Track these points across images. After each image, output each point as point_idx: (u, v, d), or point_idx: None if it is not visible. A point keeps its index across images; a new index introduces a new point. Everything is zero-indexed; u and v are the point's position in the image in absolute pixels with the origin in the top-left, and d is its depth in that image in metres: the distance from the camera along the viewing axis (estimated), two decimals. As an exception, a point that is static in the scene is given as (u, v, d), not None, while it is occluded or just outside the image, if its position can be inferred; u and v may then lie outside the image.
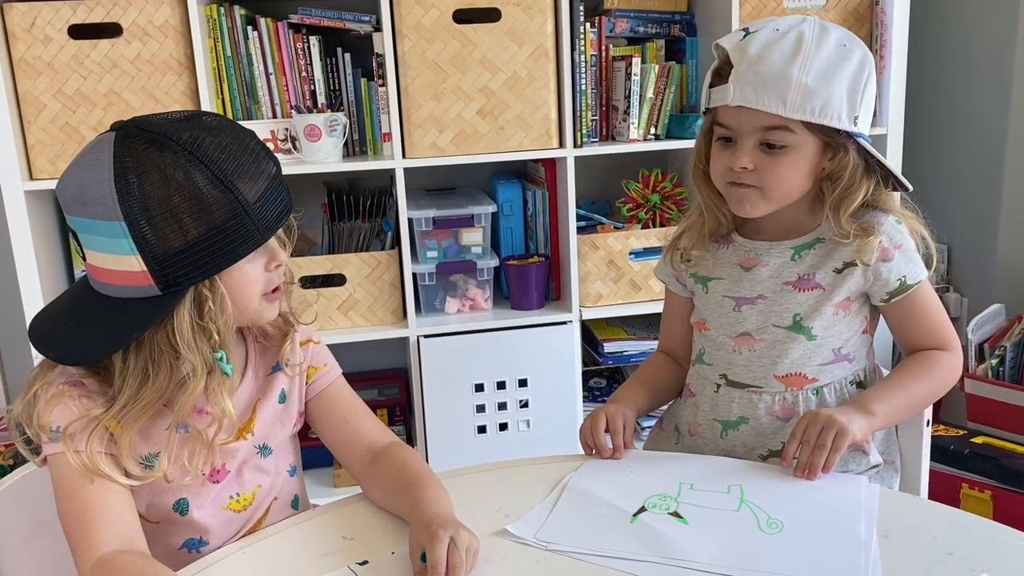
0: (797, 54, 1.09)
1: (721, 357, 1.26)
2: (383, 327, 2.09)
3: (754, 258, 1.23)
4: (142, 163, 0.89)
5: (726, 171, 1.16)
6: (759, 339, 1.22)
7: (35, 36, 1.85)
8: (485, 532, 0.98)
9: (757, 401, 1.22)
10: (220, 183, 0.90)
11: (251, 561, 0.98)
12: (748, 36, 1.13)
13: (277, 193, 0.96)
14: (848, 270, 1.18)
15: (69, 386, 0.97)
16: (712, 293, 1.26)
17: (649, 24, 2.21)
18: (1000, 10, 2.21)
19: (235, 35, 1.99)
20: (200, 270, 0.92)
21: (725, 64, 1.15)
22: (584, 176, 2.20)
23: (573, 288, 2.12)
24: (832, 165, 1.16)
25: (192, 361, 0.95)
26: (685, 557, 0.92)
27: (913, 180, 1.20)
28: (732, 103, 1.12)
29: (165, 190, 0.89)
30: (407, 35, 1.94)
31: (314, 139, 1.98)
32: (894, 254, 1.17)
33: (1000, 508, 1.84)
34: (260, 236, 0.94)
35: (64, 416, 0.95)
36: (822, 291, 1.19)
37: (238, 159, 0.92)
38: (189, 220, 0.89)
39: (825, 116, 1.10)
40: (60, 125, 1.90)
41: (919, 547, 0.93)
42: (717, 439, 1.26)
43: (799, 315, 1.20)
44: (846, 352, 1.22)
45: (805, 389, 1.21)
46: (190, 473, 1.00)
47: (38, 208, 1.96)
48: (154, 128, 0.91)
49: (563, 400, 2.14)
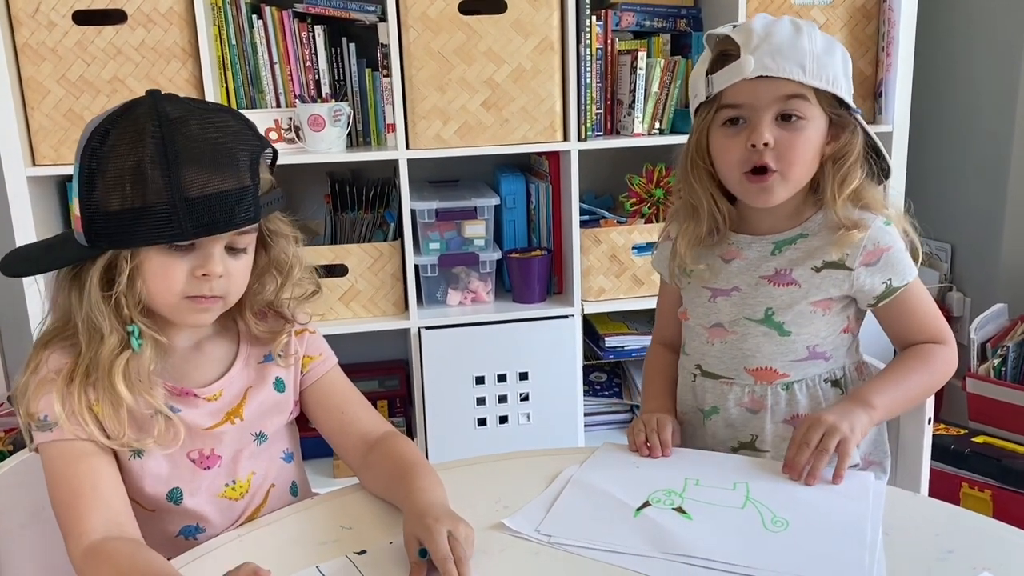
0: (800, 31, 1.13)
1: (696, 347, 1.27)
2: (384, 318, 2.09)
3: (735, 250, 1.23)
4: (128, 125, 0.92)
5: (742, 155, 1.14)
6: (731, 331, 1.22)
7: (39, 21, 1.85)
8: (484, 524, 0.97)
9: (727, 392, 1.23)
10: (165, 167, 0.90)
11: (248, 549, 0.98)
12: (742, 24, 1.16)
13: (228, 204, 0.94)
14: (828, 271, 1.17)
15: (55, 372, 0.98)
16: (693, 283, 1.26)
17: (655, 18, 2.20)
18: (1007, 9, 2.20)
19: (240, 23, 1.98)
20: (119, 238, 0.93)
21: (727, 47, 1.15)
22: (588, 170, 2.20)
23: (575, 282, 2.12)
24: (833, 148, 1.17)
25: (98, 323, 0.96)
26: (687, 553, 0.92)
27: (918, 178, 1.20)
28: (751, 75, 1.11)
29: (127, 157, 0.91)
30: (412, 26, 1.94)
31: (318, 129, 1.98)
32: (879, 258, 1.16)
33: (1000, 508, 1.84)
34: (182, 231, 0.92)
35: (50, 405, 0.96)
36: (797, 288, 1.18)
37: (200, 154, 0.92)
38: (130, 190, 0.91)
39: (837, 87, 1.13)
40: (63, 111, 1.89)
41: (920, 545, 0.93)
42: (700, 426, 1.27)
43: (771, 309, 1.19)
44: (822, 350, 1.21)
45: (775, 384, 1.21)
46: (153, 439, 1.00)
47: (41, 194, 1.96)
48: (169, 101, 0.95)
49: (563, 394, 2.13)
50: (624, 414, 2.35)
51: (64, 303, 1.00)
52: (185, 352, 1.07)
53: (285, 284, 1.09)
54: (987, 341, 2.14)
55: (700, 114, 1.20)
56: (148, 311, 1.00)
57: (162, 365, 1.03)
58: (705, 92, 1.17)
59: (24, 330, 1.93)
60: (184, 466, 1.05)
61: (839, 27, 2.12)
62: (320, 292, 1.15)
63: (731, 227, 1.24)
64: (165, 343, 1.02)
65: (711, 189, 1.22)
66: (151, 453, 1.02)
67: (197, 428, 1.04)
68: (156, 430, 1.00)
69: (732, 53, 1.14)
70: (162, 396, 1.01)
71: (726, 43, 1.16)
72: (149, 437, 1.00)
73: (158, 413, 1.00)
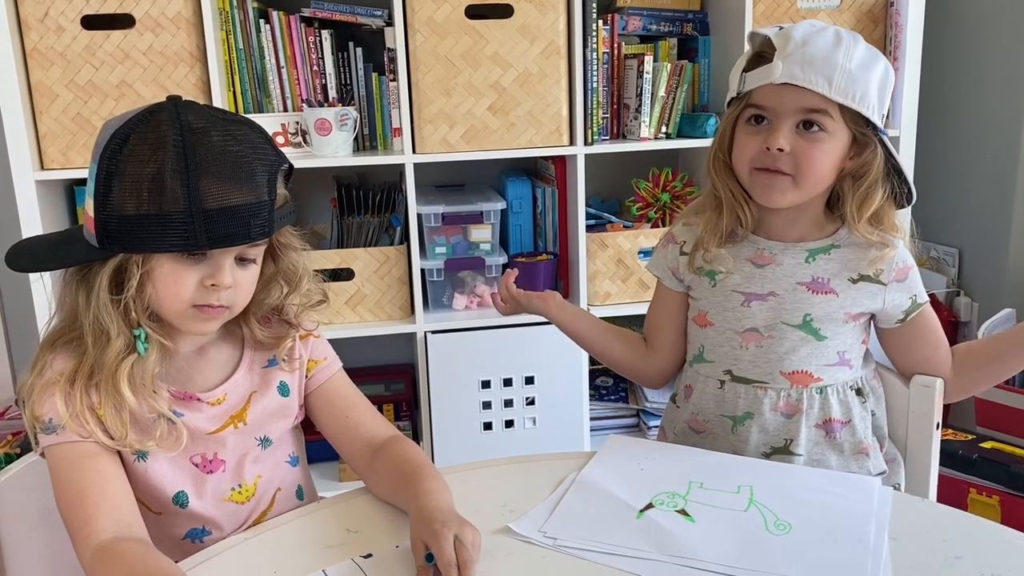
0: (840, 44, 1.13)
1: (725, 353, 1.26)
2: (391, 322, 2.09)
3: (768, 256, 1.23)
4: (149, 131, 0.92)
5: (757, 154, 1.16)
6: (767, 335, 1.22)
7: (48, 26, 1.86)
8: (490, 528, 0.97)
9: (763, 396, 1.23)
10: (185, 177, 0.91)
11: (255, 552, 0.98)
12: (788, 27, 1.16)
13: (244, 218, 0.94)
14: (863, 284, 1.20)
15: (59, 375, 0.98)
16: (720, 287, 1.25)
17: (662, 22, 2.20)
18: (1014, 13, 2.20)
19: (247, 28, 1.99)
20: (132, 243, 0.94)
21: (765, 48, 1.17)
22: (594, 174, 2.20)
23: (581, 286, 2.12)
24: (854, 164, 1.17)
25: (106, 325, 0.97)
26: (689, 555, 0.92)
27: (925, 183, 1.21)
28: (778, 80, 1.12)
29: (146, 163, 0.91)
30: (419, 30, 1.94)
31: (324, 133, 1.98)
32: (907, 275, 1.21)
33: (1008, 514, 1.83)
34: (196, 241, 0.93)
35: (54, 407, 0.97)
36: (835, 297, 1.20)
37: (220, 166, 0.92)
38: (147, 196, 0.91)
39: (864, 105, 1.13)
40: (72, 115, 1.90)
41: (928, 550, 0.93)
42: (728, 434, 1.26)
43: (810, 316, 1.20)
44: (848, 358, 1.23)
45: (810, 387, 1.22)
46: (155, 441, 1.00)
47: (49, 198, 1.96)
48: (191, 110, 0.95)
49: (569, 399, 2.13)
50: (630, 419, 2.34)
51: (71, 302, 1.00)
52: (189, 356, 1.07)
53: (292, 294, 1.10)
54: (995, 346, 2.13)
55: (731, 108, 1.22)
56: (154, 315, 1.00)
57: (166, 369, 1.03)
58: (737, 88, 1.19)
59: (32, 332, 1.94)
60: (188, 470, 1.05)
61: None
62: (327, 302, 1.15)
63: (759, 231, 1.24)
64: (171, 347, 1.02)
65: (729, 183, 1.23)
66: (155, 456, 1.02)
67: (200, 432, 1.04)
68: (158, 433, 1.00)
69: (768, 55, 1.15)
70: (166, 400, 1.02)
71: (767, 44, 1.17)
72: (151, 440, 1.00)
73: (161, 416, 1.00)
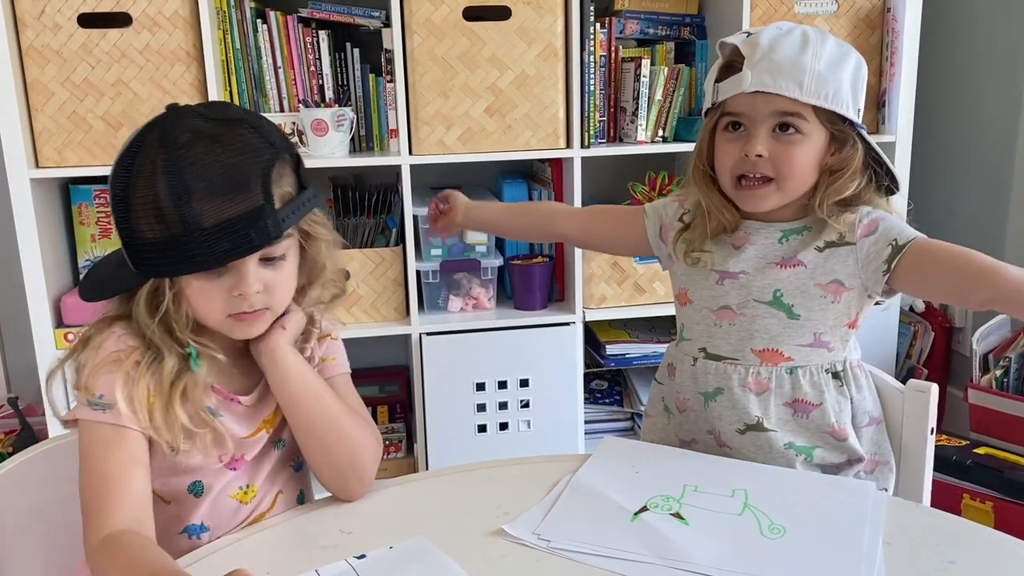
0: (807, 46, 1.14)
1: (701, 331, 1.26)
2: (386, 324, 2.09)
3: (743, 236, 1.24)
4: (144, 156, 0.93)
5: (736, 161, 1.17)
6: (739, 313, 1.23)
7: (44, 24, 1.85)
8: (484, 530, 0.97)
9: (731, 372, 1.23)
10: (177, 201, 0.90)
11: (248, 552, 0.98)
12: (754, 34, 1.17)
13: (242, 230, 0.93)
14: (830, 250, 1.19)
15: (123, 353, 0.98)
16: (700, 264, 1.26)
17: (659, 26, 2.20)
18: (1011, 19, 2.21)
19: (244, 27, 1.99)
20: (158, 268, 0.95)
21: (735, 57, 1.17)
22: (590, 177, 2.20)
23: (577, 289, 2.12)
24: (835, 160, 1.18)
25: (159, 344, 0.97)
26: (682, 558, 0.91)
27: (920, 189, 1.21)
28: (748, 89, 1.14)
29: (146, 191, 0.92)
30: (416, 31, 1.94)
31: (321, 133, 1.98)
32: (876, 227, 1.17)
33: (1001, 519, 1.83)
34: (205, 261, 0.93)
35: (110, 386, 0.96)
36: (804, 268, 1.20)
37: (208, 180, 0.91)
38: (155, 222, 0.92)
39: (837, 103, 1.14)
40: (67, 114, 1.90)
41: (921, 555, 0.93)
42: (703, 411, 1.26)
43: (780, 291, 1.20)
44: (826, 340, 1.22)
45: (779, 367, 1.21)
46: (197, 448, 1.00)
47: (43, 196, 1.96)
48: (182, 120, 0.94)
49: (564, 401, 2.13)
50: (625, 422, 2.34)
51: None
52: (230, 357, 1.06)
53: (313, 285, 1.10)
54: (989, 352, 2.13)
55: (707, 117, 1.23)
56: (199, 326, 1.01)
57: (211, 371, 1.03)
58: (711, 99, 1.21)
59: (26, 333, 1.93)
60: (213, 463, 1.04)
61: (843, 36, 2.12)
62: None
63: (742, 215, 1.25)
64: (223, 360, 1.02)
65: (710, 194, 1.23)
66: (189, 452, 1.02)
67: (236, 436, 1.04)
68: (198, 440, 1.00)
69: (737, 64, 1.16)
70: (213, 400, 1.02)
71: (735, 53, 1.18)
72: (194, 446, 1.00)
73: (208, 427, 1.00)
